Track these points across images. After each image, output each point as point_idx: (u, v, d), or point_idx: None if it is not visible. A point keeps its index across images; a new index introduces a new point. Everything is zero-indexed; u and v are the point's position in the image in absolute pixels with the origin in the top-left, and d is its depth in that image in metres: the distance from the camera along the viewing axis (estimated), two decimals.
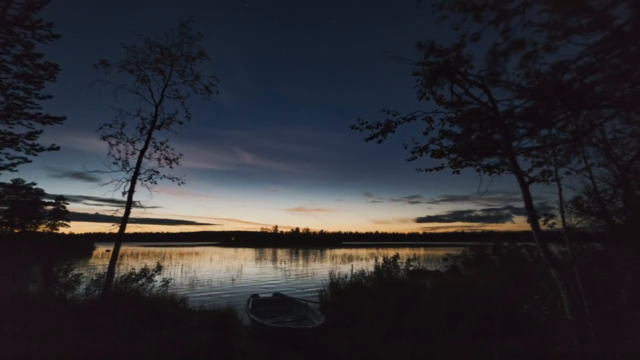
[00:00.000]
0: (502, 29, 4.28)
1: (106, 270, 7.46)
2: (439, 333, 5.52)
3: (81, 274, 8.25)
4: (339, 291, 9.37)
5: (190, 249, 76.06)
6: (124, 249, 67.48)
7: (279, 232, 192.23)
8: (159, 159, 8.78)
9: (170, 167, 8.82)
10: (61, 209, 34.71)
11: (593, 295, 3.94)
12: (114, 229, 7.97)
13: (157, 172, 8.70)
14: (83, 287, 7.66)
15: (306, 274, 22.02)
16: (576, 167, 5.10)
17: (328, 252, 61.03)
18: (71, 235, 53.39)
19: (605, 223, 5.03)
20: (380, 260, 9.91)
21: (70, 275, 7.82)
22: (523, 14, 4.25)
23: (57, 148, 13.60)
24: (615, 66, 3.66)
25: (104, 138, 8.25)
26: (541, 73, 4.03)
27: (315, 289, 12.08)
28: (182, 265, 28.11)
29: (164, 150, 8.84)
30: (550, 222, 4.32)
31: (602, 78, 3.80)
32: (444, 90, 4.74)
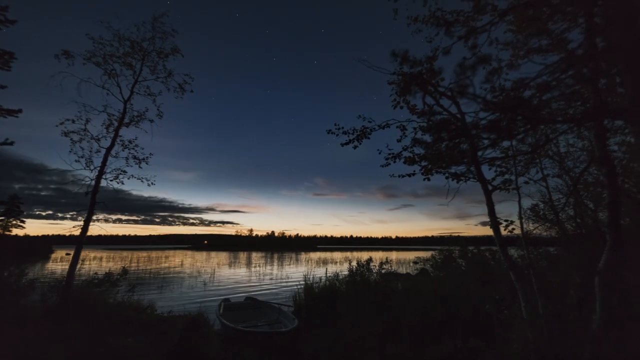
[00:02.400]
0: (471, 45, 4.55)
1: (65, 275, 6.99)
2: (409, 333, 5.70)
3: (37, 278, 7.66)
4: (313, 294, 9.38)
5: (160, 253, 72.89)
6: (86, 252, 63.38)
7: (253, 235, 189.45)
8: (126, 158, 8.38)
9: (140, 167, 8.45)
10: (15, 208, 31.97)
11: (546, 295, 4.26)
12: (75, 231, 7.50)
13: (125, 171, 8.30)
14: (39, 293, 7.11)
15: (280, 277, 21.83)
16: (534, 177, 5.52)
17: (303, 255, 60.93)
18: (26, 237, 49.27)
19: (558, 229, 5.48)
20: (354, 263, 10.05)
21: (23, 280, 7.24)
22: (490, 32, 4.54)
23: (11, 143, 12.55)
24: (569, 85, 3.99)
25: (66, 134, 7.76)
26: (505, 88, 4.31)
27: (289, 291, 12.02)
28: (151, 269, 26.88)
29: (133, 149, 8.45)
30: (510, 227, 4.63)
31: (558, 96, 4.12)
32: (416, 100, 4.95)
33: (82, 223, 7.48)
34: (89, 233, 7.52)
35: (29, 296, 6.99)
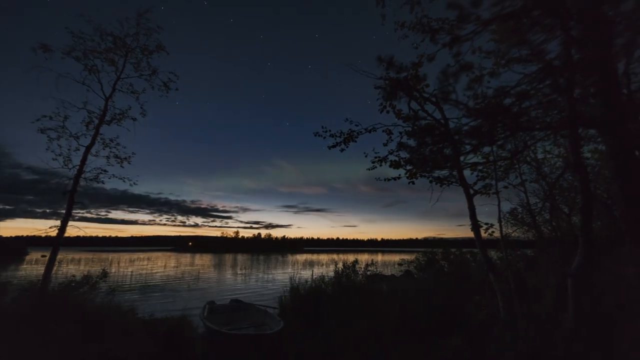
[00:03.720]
0: (455, 53, 4.67)
1: (40, 278, 6.71)
2: (393, 333, 5.78)
3: (9, 281, 7.32)
4: (299, 296, 9.35)
5: (142, 255, 70.98)
6: (63, 255, 60.94)
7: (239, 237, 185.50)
8: (107, 157, 8.12)
9: (121, 166, 8.20)
10: None
11: (523, 296, 4.43)
12: (52, 232, 7.21)
13: (106, 171, 8.04)
14: (11, 296, 6.79)
15: (267, 280, 21.69)
16: (513, 182, 5.73)
17: (290, 257, 60.76)
18: None
19: (535, 232, 5.71)
20: (340, 265, 10.10)
21: None
22: (473, 41, 4.68)
23: None
24: (546, 94, 4.16)
25: (42, 131, 7.45)
26: (486, 96, 4.45)
27: (275, 294, 11.94)
28: (132, 271, 26.16)
29: (114, 147, 8.20)
30: (490, 230, 4.79)
31: (536, 104, 4.30)
32: (402, 104, 5.05)
33: (59, 223, 7.21)
34: (66, 234, 7.25)
35: (1, 299, 6.67)
